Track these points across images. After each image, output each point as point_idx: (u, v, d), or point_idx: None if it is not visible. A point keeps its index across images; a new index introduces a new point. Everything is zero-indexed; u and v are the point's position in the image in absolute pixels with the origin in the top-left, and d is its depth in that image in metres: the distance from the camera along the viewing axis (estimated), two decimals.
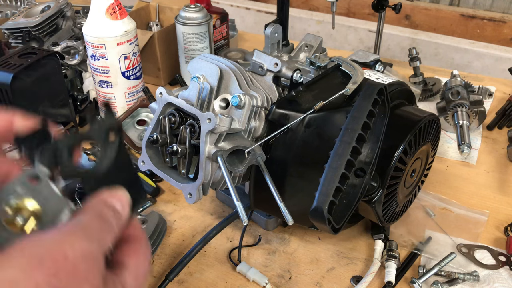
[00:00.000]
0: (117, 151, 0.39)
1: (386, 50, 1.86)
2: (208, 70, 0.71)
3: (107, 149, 0.39)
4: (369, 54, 0.86)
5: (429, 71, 1.34)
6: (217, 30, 1.29)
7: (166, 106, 0.70)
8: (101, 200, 0.36)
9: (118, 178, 0.40)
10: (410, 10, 1.98)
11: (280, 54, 0.89)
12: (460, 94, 1.07)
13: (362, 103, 0.63)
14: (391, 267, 0.74)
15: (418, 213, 0.86)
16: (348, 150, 0.60)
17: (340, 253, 0.80)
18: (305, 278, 0.75)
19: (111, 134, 0.40)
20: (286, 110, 0.70)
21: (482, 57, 1.70)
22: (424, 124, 0.71)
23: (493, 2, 1.89)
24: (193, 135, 0.68)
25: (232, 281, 0.75)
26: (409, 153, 0.69)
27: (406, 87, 0.78)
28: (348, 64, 0.76)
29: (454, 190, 0.93)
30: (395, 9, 1.20)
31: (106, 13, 0.99)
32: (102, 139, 0.40)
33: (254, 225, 0.84)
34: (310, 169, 0.68)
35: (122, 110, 1.09)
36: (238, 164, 0.68)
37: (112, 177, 0.39)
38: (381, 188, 0.68)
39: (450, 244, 0.80)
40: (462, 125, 0.97)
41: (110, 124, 0.40)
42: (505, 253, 0.79)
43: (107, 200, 0.37)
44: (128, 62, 1.05)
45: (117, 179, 0.40)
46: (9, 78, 0.95)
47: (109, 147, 0.39)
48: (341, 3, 2.08)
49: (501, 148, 1.05)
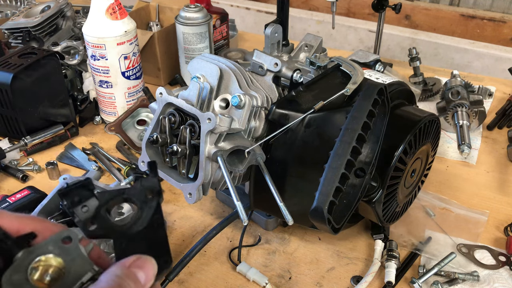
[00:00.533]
0: (154, 213, 0.40)
1: (386, 50, 1.86)
2: (208, 70, 0.71)
3: (144, 210, 0.40)
4: (369, 54, 0.86)
5: (429, 71, 1.34)
6: (217, 30, 1.29)
7: (166, 106, 0.70)
8: (125, 269, 0.36)
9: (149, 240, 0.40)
10: (410, 10, 1.98)
11: (280, 54, 0.89)
12: (460, 94, 1.07)
13: (362, 103, 0.63)
14: (391, 267, 0.74)
15: (418, 213, 0.86)
16: (348, 150, 0.60)
17: (340, 253, 0.80)
18: (305, 278, 0.75)
19: (151, 195, 0.40)
20: (286, 110, 0.70)
21: (482, 57, 1.70)
22: (424, 124, 0.71)
23: (493, 2, 1.89)
24: (193, 135, 0.68)
25: (232, 281, 0.75)
26: (409, 153, 0.69)
27: (406, 87, 0.78)
28: (348, 64, 0.76)
29: (454, 190, 0.93)
30: (395, 9, 1.20)
31: (106, 13, 0.99)
32: (141, 200, 0.40)
33: (254, 225, 0.84)
34: (310, 169, 0.68)
35: (122, 110, 1.09)
36: (238, 164, 0.68)
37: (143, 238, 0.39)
38: (381, 188, 0.68)
39: (450, 244, 0.80)
40: (462, 125, 0.97)
41: (151, 186, 0.40)
42: (505, 253, 0.79)
43: (132, 271, 0.36)
44: (128, 62, 1.05)
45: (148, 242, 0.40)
46: (9, 78, 0.95)
47: (146, 209, 0.40)
48: (341, 3, 2.08)
49: (501, 148, 1.05)
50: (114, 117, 1.09)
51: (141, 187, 0.40)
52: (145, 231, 0.39)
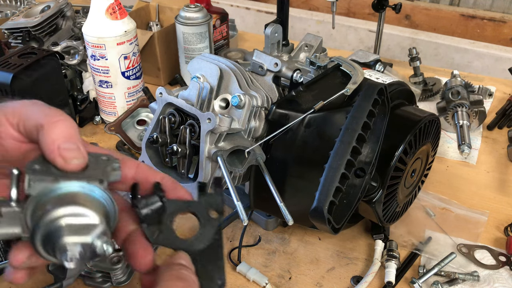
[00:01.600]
0: (215, 233, 0.39)
1: (386, 50, 1.86)
2: (208, 70, 0.71)
3: (206, 227, 0.39)
4: (369, 54, 0.86)
5: (429, 71, 1.34)
6: (217, 30, 1.29)
7: (166, 106, 0.70)
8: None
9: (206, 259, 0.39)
10: (410, 10, 1.98)
11: (280, 54, 0.89)
12: (460, 94, 1.06)
13: (362, 103, 0.63)
14: (391, 267, 0.73)
15: (418, 213, 0.86)
16: (348, 150, 0.60)
17: (340, 253, 0.80)
18: (305, 278, 0.75)
19: (214, 215, 0.40)
20: (286, 110, 0.70)
21: (482, 57, 1.70)
22: (424, 124, 0.70)
23: (493, 2, 1.89)
24: (193, 135, 0.68)
25: (232, 281, 0.75)
26: (409, 153, 0.69)
27: (406, 87, 0.78)
28: (348, 64, 0.76)
29: (454, 190, 0.93)
30: (395, 9, 1.20)
31: (106, 13, 0.99)
32: (204, 217, 0.40)
33: (254, 225, 0.84)
34: (310, 169, 0.68)
35: (122, 110, 1.09)
36: (238, 164, 0.68)
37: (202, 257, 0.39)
38: (381, 188, 0.68)
39: (450, 244, 0.80)
40: (462, 125, 0.97)
41: (215, 205, 0.40)
42: (505, 253, 0.79)
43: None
44: (128, 62, 1.05)
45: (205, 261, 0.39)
46: (9, 78, 0.95)
47: (208, 227, 0.39)
48: (341, 3, 2.08)
49: (501, 148, 1.05)
50: (114, 117, 1.09)
51: (206, 203, 0.40)
52: (205, 250, 0.39)
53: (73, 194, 0.35)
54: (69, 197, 0.35)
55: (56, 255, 0.33)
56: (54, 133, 0.37)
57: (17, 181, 0.35)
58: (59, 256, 0.33)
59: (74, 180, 0.36)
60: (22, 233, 0.35)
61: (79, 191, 0.36)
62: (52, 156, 0.36)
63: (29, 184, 0.35)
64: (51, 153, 0.36)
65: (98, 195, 0.36)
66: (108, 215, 0.36)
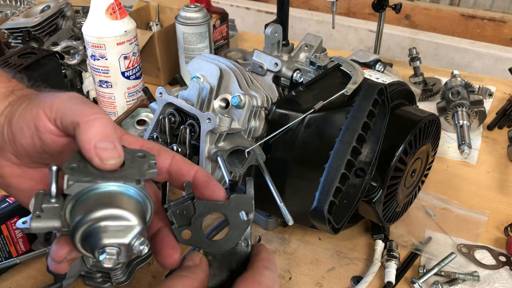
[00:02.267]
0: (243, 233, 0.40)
1: (386, 50, 1.86)
2: (208, 70, 0.71)
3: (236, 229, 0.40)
4: (369, 54, 0.86)
5: (429, 71, 1.34)
6: (217, 30, 1.29)
7: (166, 106, 0.70)
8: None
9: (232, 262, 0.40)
10: (410, 10, 1.98)
11: (280, 54, 0.89)
12: (460, 94, 1.06)
13: (362, 103, 0.63)
14: (391, 267, 0.73)
15: (418, 213, 0.86)
16: (348, 150, 0.60)
17: (340, 253, 0.79)
18: (305, 278, 0.75)
19: (246, 217, 0.40)
20: (286, 110, 0.70)
21: (482, 57, 1.70)
22: (424, 124, 0.70)
23: (493, 2, 1.89)
24: (193, 135, 0.68)
25: None
26: (409, 153, 0.69)
27: (406, 87, 0.78)
28: (348, 64, 0.76)
29: (454, 190, 0.93)
30: (395, 9, 1.20)
31: (106, 13, 0.99)
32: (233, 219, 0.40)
33: (254, 225, 0.84)
34: (310, 169, 0.68)
35: (122, 110, 1.09)
36: (238, 164, 0.68)
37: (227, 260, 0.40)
38: (381, 188, 0.68)
39: (450, 244, 0.80)
40: (462, 125, 0.97)
41: (246, 207, 0.40)
42: (505, 253, 0.79)
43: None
44: (128, 62, 1.05)
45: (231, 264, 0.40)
46: None
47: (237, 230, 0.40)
48: (341, 3, 2.08)
49: (501, 148, 1.05)
50: (114, 117, 1.09)
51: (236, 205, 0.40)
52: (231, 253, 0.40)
53: (111, 195, 0.36)
54: (107, 198, 0.36)
55: (94, 254, 0.34)
56: (91, 132, 0.37)
57: (56, 177, 0.36)
58: (97, 255, 0.34)
59: (112, 180, 0.36)
60: (61, 227, 0.36)
61: (117, 191, 0.36)
62: (88, 155, 0.37)
63: (67, 184, 0.35)
64: (87, 152, 0.37)
65: (135, 195, 0.37)
66: (144, 214, 0.37)
